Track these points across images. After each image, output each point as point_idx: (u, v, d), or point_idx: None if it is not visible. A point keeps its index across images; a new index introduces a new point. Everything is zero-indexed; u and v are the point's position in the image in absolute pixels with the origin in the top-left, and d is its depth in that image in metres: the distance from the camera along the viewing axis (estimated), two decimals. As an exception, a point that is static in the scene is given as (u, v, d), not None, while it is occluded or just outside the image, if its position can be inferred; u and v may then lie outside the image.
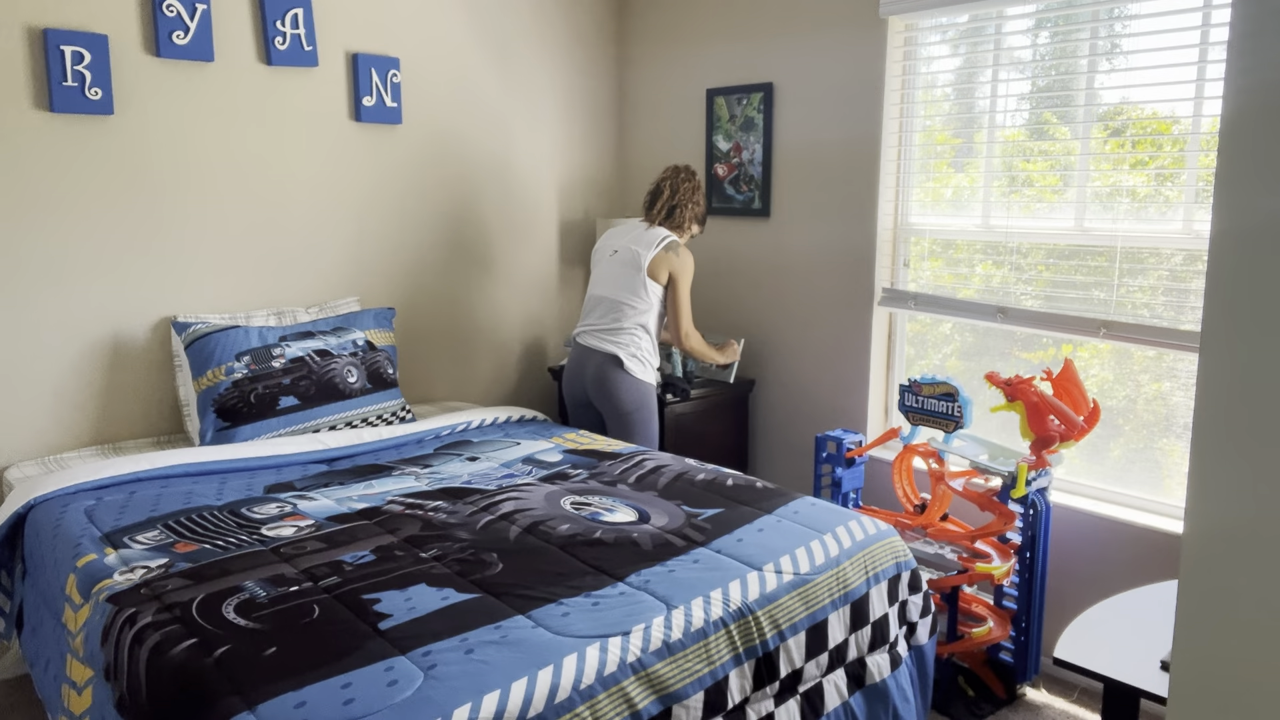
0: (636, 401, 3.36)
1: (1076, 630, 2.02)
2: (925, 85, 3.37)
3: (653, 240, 3.38)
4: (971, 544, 2.92)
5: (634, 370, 3.34)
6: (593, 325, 3.43)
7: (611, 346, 3.35)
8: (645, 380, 3.38)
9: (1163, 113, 2.81)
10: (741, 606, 2.07)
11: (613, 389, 3.34)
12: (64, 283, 3.02)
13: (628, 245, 3.42)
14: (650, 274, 3.34)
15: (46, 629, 2.32)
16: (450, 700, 1.64)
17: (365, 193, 3.64)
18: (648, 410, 3.39)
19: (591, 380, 3.40)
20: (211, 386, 3.06)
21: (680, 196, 3.45)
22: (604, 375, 3.36)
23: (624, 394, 3.34)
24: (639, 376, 3.35)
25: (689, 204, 3.47)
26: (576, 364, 3.47)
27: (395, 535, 2.35)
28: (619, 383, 3.33)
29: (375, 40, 3.59)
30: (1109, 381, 3.03)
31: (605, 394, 3.37)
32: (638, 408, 3.36)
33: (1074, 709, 2.88)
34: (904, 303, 3.43)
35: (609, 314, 3.39)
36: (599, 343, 3.38)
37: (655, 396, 3.43)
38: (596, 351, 3.39)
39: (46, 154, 2.94)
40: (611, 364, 3.34)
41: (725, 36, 3.93)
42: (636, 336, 3.37)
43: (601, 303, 3.43)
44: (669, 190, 3.45)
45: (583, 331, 3.47)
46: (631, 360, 3.34)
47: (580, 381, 3.46)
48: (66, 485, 2.63)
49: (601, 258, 3.50)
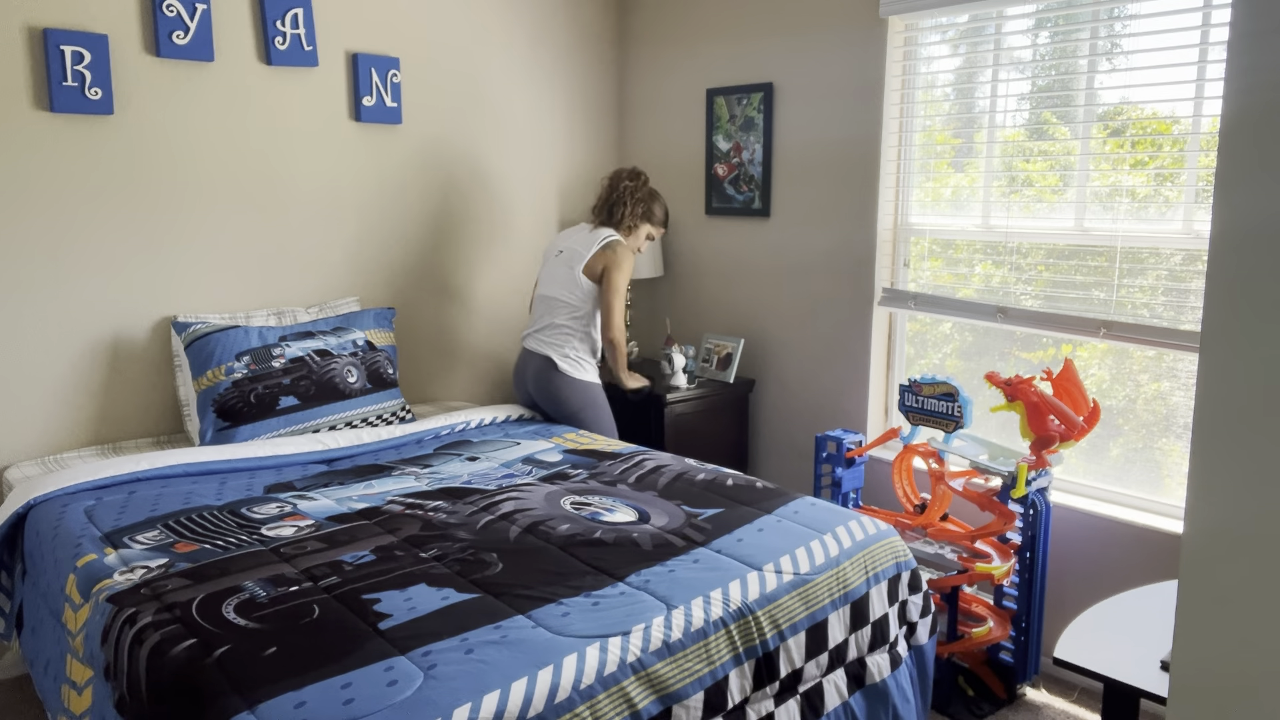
0: (579, 401, 3.37)
1: (1076, 630, 2.02)
2: (925, 85, 3.37)
3: (594, 240, 3.40)
4: (971, 544, 2.92)
5: (569, 371, 3.36)
6: (534, 327, 3.48)
7: (545, 349, 3.39)
8: (584, 379, 3.38)
9: (1163, 113, 2.81)
10: (741, 606, 2.07)
11: (554, 392, 3.37)
12: (64, 282, 3.02)
13: (571, 245, 3.45)
14: (586, 272, 3.36)
15: (46, 629, 2.32)
16: (450, 700, 1.64)
17: (365, 193, 3.63)
18: (595, 409, 3.40)
19: (532, 384, 3.45)
20: (211, 386, 3.06)
21: (618, 194, 3.46)
22: (542, 379, 3.39)
23: (565, 395, 3.37)
24: (576, 376, 3.37)
25: (630, 202, 3.45)
26: (520, 368, 3.53)
27: (395, 535, 2.34)
28: (558, 385, 3.36)
29: (375, 40, 3.59)
30: (1108, 381, 3.03)
31: (547, 397, 3.41)
32: (582, 407, 3.38)
33: (1074, 709, 2.88)
34: (904, 303, 3.43)
35: (546, 314, 3.44)
36: (536, 345, 3.43)
37: (599, 392, 3.43)
38: (535, 355, 3.43)
39: (46, 154, 2.94)
40: (547, 367, 3.38)
41: (725, 36, 3.93)
42: (570, 335, 3.38)
43: (540, 302, 3.48)
44: (607, 190, 3.49)
45: (527, 335, 3.51)
46: (564, 361, 3.36)
47: (523, 382, 3.52)
48: (66, 485, 2.63)
49: (548, 258, 3.53)
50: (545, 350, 3.39)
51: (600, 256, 3.36)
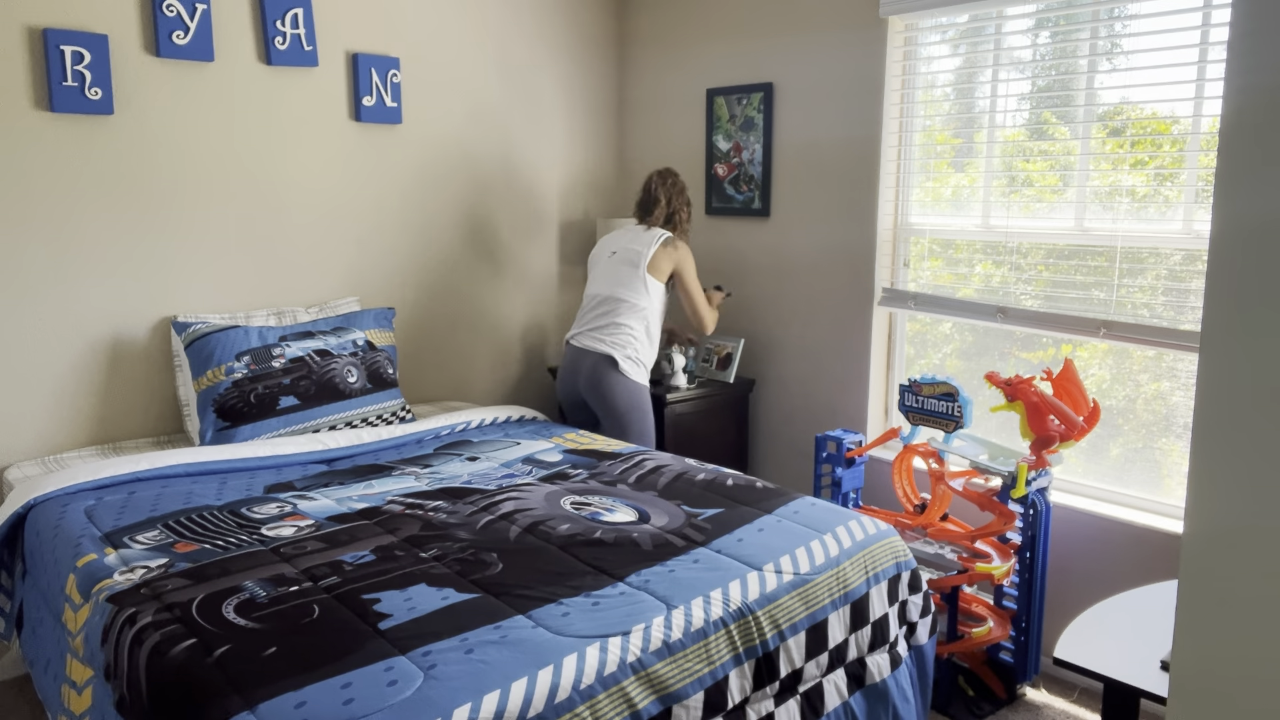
0: (630, 402, 3.38)
1: (1076, 630, 2.02)
2: (925, 85, 3.37)
3: (651, 239, 3.45)
4: (971, 544, 2.92)
5: (628, 371, 3.37)
6: (588, 326, 3.47)
7: (606, 347, 3.38)
8: (638, 381, 3.41)
9: (1162, 113, 2.81)
10: (741, 606, 2.07)
11: (607, 389, 3.37)
12: (64, 282, 3.02)
13: (626, 245, 3.48)
14: (651, 270, 3.40)
15: (46, 629, 2.32)
16: (450, 700, 1.64)
17: (365, 192, 3.63)
18: (641, 411, 3.41)
19: (586, 380, 3.42)
20: (211, 386, 3.06)
21: (676, 203, 3.58)
22: (598, 375, 3.38)
23: (618, 394, 3.36)
24: (632, 377, 3.38)
25: (682, 207, 3.60)
26: (571, 364, 3.50)
27: (395, 535, 2.35)
28: (613, 383, 3.36)
29: (375, 40, 3.59)
30: (1108, 381, 3.03)
31: (599, 394, 3.39)
32: (631, 408, 3.38)
33: (1074, 709, 2.88)
34: (904, 302, 3.43)
35: (606, 314, 3.43)
36: (593, 343, 3.41)
37: (648, 397, 3.46)
38: (590, 352, 3.41)
39: (46, 154, 2.94)
40: (606, 364, 3.37)
41: (725, 36, 3.93)
42: (634, 336, 3.39)
43: (598, 301, 3.47)
44: (664, 198, 3.56)
45: (577, 334, 3.50)
46: (626, 361, 3.37)
47: (574, 381, 3.49)
48: (66, 485, 2.63)
49: (599, 259, 3.55)
50: (605, 349, 3.38)
51: (664, 255, 3.43)
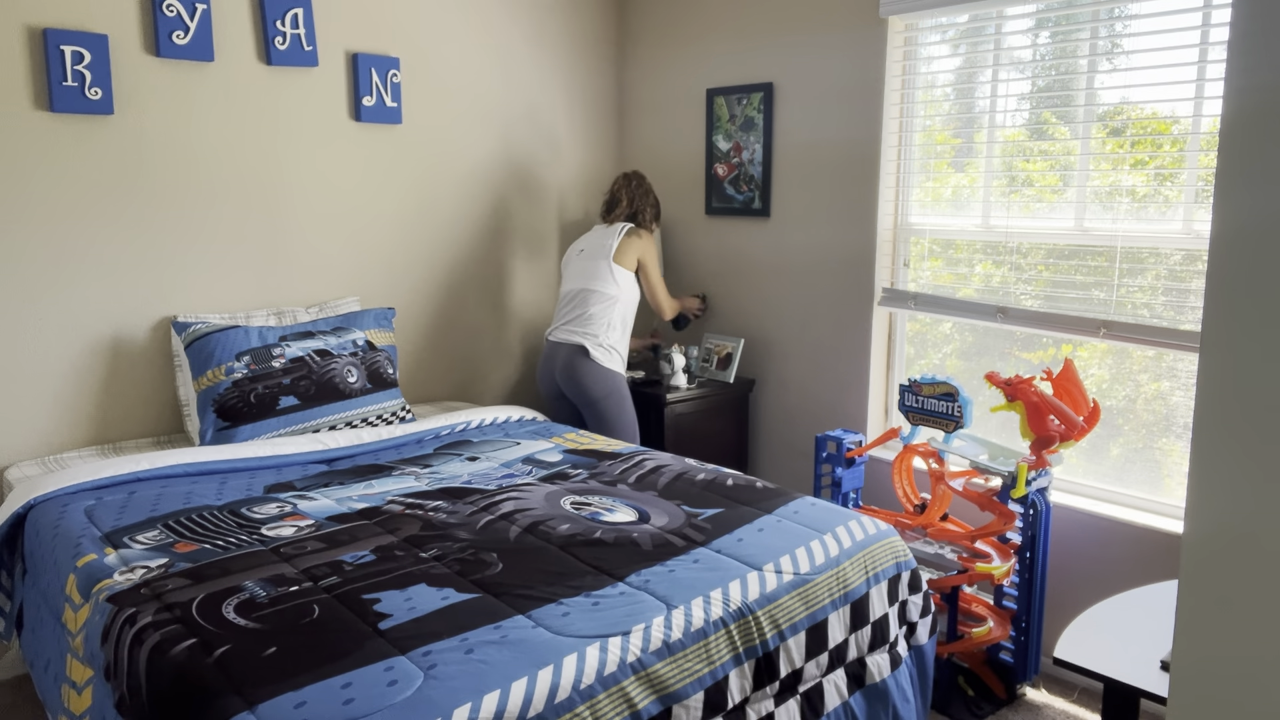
0: (604, 389, 3.50)
1: (1076, 630, 2.02)
2: (925, 85, 3.37)
3: (615, 231, 3.64)
4: (971, 544, 2.92)
5: (600, 359, 3.50)
6: (562, 321, 3.62)
7: (578, 338, 3.53)
8: (611, 368, 3.54)
9: (1163, 113, 2.81)
10: (741, 606, 2.07)
11: (581, 378, 3.49)
12: (64, 282, 3.02)
13: (593, 242, 3.67)
14: (618, 260, 3.56)
15: (46, 629, 2.32)
16: (450, 700, 1.64)
17: (365, 192, 3.64)
18: (618, 396, 3.53)
19: (561, 371, 3.56)
20: (211, 386, 3.06)
21: (640, 203, 3.74)
22: (572, 366, 3.51)
23: (592, 382, 3.49)
24: (605, 364, 3.51)
25: (646, 207, 3.75)
26: (547, 358, 3.65)
27: (395, 535, 2.34)
28: (586, 371, 3.49)
29: (375, 40, 3.59)
30: (1108, 381, 3.03)
31: (574, 383, 3.52)
32: (606, 394, 3.50)
33: (1074, 709, 2.88)
34: (904, 302, 3.43)
35: (578, 305, 3.58)
36: (567, 335, 3.57)
37: (624, 383, 3.58)
38: (564, 344, 3.56)
39: (46, 154, 2.94)
40: (578, 354, 3.51)
41: (725, 36, 3.93)
42: (606, 325, 3.53)
43: (570, 296, 3.62)
44: (625, 199, 3.74)
45: (554, 329, 3.65)
46: (598, 349, 3.50)
47: (550, 373, 3.63)
48: (66, 485, 2.63)
49: (571, 259, 3.73)
50: (577, 339, 3.53)
51: (628, 244, 3.60)
